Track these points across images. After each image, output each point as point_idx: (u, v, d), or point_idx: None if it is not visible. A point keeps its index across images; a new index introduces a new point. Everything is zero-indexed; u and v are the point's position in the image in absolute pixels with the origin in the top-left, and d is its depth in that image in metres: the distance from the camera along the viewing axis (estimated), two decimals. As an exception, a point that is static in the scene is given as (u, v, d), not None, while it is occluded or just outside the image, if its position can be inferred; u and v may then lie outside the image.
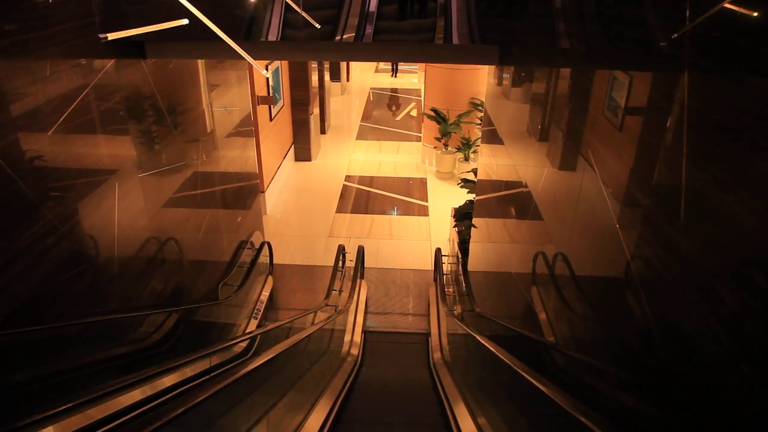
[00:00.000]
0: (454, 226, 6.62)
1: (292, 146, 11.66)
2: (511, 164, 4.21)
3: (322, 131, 13.53)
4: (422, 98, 15.18)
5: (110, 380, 3.09)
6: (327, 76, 13.74)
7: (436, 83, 11.15)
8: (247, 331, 6.42)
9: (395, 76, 20.46)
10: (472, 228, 5.21)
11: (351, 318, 6.28)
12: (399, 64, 20.28)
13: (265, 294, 7.03)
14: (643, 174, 1.66)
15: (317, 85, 12.62)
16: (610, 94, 2.04)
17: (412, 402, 4.92)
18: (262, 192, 9.35)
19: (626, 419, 1.65)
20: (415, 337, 6.40)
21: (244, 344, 5.95)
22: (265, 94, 8.99)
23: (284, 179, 10.83)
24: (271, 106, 9.38)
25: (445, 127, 10.73)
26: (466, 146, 10.72)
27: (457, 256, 6.47)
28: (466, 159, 10.82)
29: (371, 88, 18.91)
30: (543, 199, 3.05)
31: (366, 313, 6.74)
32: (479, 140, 10.66)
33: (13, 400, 2.62)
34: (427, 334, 6.39)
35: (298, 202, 10.24)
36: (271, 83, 9.24)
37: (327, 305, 5.75)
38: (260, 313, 6.70)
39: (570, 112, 2.65)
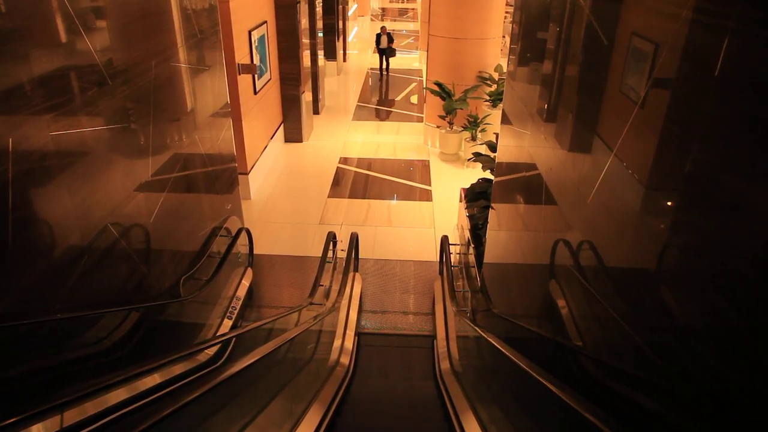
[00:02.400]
0: (466, 208, 5.61)
1: (282, 126, 10.63)
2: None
3: (315, 111, 12.49)
4: (424, 78, 14.14)
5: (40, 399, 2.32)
6: (321, 55, 12.71)
7: (440, 55, 10.09)
8: (219, 333, 5.44)
9: (386, 76, 16.85)
10: (490, 212, 4.20)
11: (342, 318, 5.29)
12: (392, 55, 16.59)
13: (243, 289, 6.04)
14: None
15: (309, 63, 11.55)
16: None
17: (415, 425, 3.94)
18: (245, 174, 8.34)
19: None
20: (417, 340, 5.41)
21: (212, 350, 5.00)
22: (248, 61, 7.95)
23: (272, 161, 9.81)
24: (255, 76, 8.33)
25: (450, 103, 9.69)
26: (473, 125, 9.68)
27: (468, 245, 5.47)
28: (473, 138, 9.79)
29: (370, 69, 17.83)
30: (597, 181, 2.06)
31: (360, 311, 5.75)
32: (488, 117, 9.65)
33: None
34: (432, 337, 5.40)
35: (287, 185, 9.23)
36: (255, 50, 8.19)
37: (312, 303, 4.75)
38: (236, 311, 5.71)
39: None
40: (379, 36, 16.45)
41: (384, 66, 16.95)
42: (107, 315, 3.66)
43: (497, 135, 5.76)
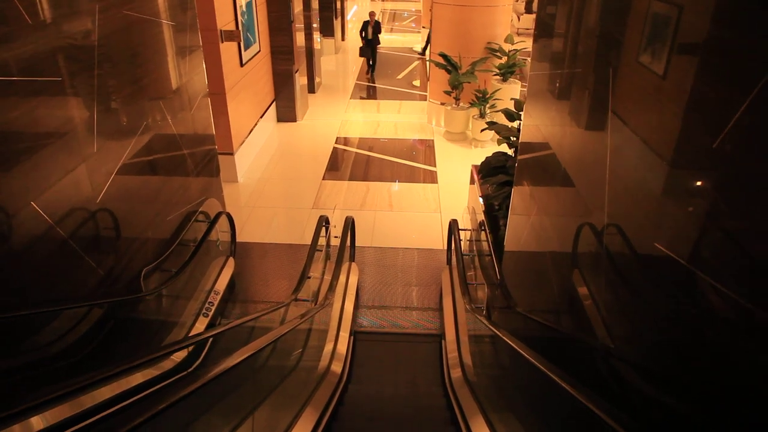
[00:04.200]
0: (481, 186, 4.82)
1: (273, 103, 9.83)
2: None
3: (311, 90, 11.67)
4: (427, 53, 13.27)
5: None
6: (317, 30, 11.86)
7: (445, 25, 9.24)
8: (192, 333, 4.71)
9: (371, 75, 13.86)
10: (513, 193, 3.43)
11: (335, 315, 4.55)
12: (376, 43, 13.46)
13: (223, 282, 5.29)
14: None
15: (303, 38, 10.71)
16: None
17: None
18: (231, 154, 7.57)
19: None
20: (423, 340, 4.67)
21: (182, 354, 4.27)
22: (232, 28, 7.13)
23: (262, 141, 9.03)
24: (241, 46, 7.53)
25: (457, 76, 8.86)
26: (481, 100, 8.86)
27: (481, 230, 4.70)
28: (482, 115, 8.98)
29: (370, 48, 16.93)
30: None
31: (356, 307, 5.00)
32: (498, 92, 8.85)
33: None
34: (440, 337, 4.66)
35: (279, 167, 8.46)
36: (240, 17, 7.37)
37: (297, 299, 4.00)
38: (213, 307, 4.97)
39: None
40: (365, 24, 13.25)
41: (370, 63, 13.81)
42: (45, 315, 2.95)
43: (515, 101, 5.00)
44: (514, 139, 4.50)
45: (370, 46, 13.45)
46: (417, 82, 13.44)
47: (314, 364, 3.90)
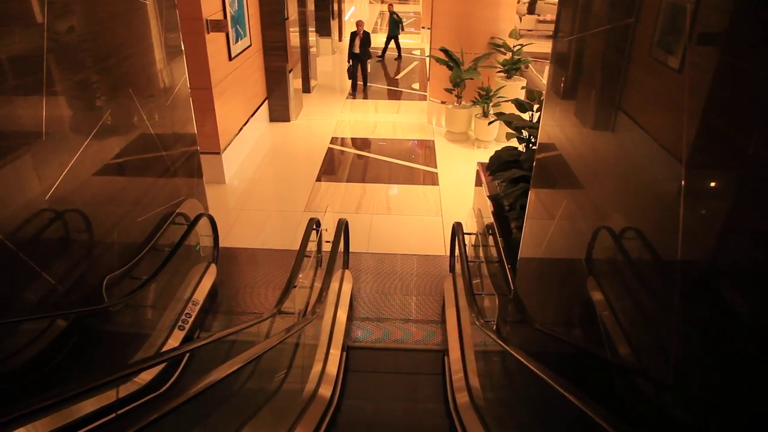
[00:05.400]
0: (491, 182, 4.33)
1: (266, 102, 9.36)
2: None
3: (306, 90, 11.22)
4: (427, 48, 12.84)
5: None
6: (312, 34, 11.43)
7: (446, 19, 8.80)
8: (164, 349, 4.21)
9: (364, 92, 11.97)
10: (531, 194, 2.95)
11: (325, 329, 4.06)
12: (367, 58, 11.71)
13: (203, 291, 4.80)
14: None
15: (298, 35, 10.25)
16: None
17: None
18: (217, 153, 7.09)
19: None
20: (423, 360, 4.18)
21: (151, 373, 3.78)
22: (220, 17, 6.67)
23: (253, 141, 8.55)
24: (230, 38, 7.07)
25: (459, 73, 8.40)
26: (484, 98, 8.40)
27: (488, 234, 4.22)
28: (485, 114, 8.52)
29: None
30: None
31: (350, 319, 4.51)
32: (502, 90, 8.40)
33: None
34: (443, 353, 4.17)
35: (270, 168, 7.98)
36: (228, 7, 6.91)
37: (280, 312, 3.50)
38: (191, 319, 4.47)
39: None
40: (353, 36, 11.39)
41: (360, 77, 11.90)
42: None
43: (528, 91, 4.54)
44: (527, 133, 4.04)
45: (358, 61, 11.60)
46: (417, 85, 12.99)
47: (299, 387, 3.41)
